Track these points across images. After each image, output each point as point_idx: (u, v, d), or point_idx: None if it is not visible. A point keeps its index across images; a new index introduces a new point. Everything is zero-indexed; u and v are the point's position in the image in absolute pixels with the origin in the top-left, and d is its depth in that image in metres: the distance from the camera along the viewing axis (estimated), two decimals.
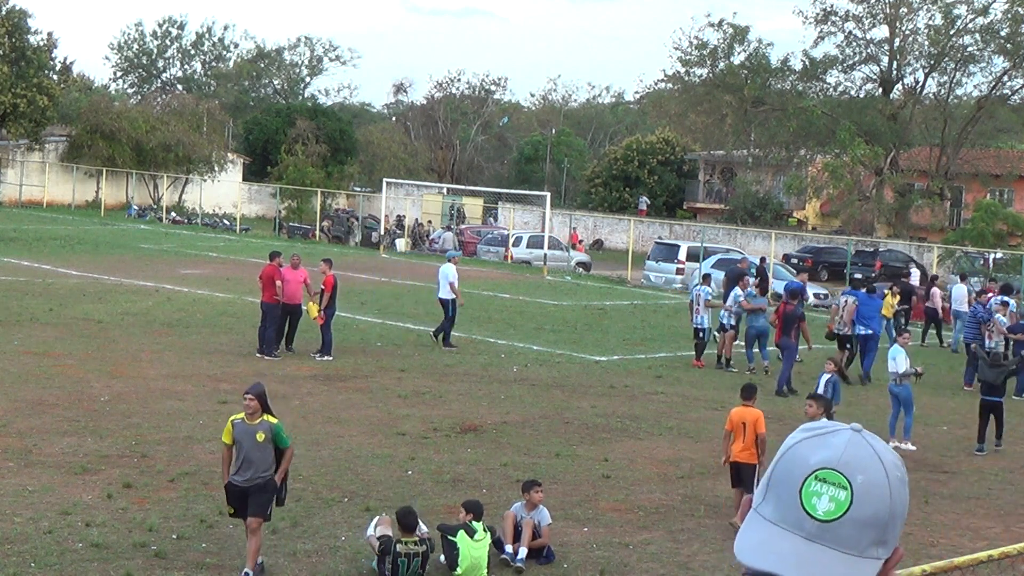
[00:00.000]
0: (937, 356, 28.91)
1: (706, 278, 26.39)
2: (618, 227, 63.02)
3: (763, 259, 39.29)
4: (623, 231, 58.32)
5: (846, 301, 25.16)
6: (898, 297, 29.28)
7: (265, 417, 10.87)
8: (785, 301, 23.57)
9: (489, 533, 11.50)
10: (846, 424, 1.82)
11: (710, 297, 25.43)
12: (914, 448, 17.88)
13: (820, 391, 16.86)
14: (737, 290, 25.32)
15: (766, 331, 24.31)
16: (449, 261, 26.68)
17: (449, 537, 11.25)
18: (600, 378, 22.50)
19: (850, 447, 1.76)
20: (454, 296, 25.23)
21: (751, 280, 26.38)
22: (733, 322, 24.99)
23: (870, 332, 24.55)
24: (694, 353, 25.22)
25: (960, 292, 30.90)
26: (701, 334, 24.94)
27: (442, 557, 11.34)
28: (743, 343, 25.06)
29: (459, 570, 11.13)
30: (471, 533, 11.25)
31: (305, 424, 16.95)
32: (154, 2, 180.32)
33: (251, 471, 10.76)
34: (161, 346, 22.79)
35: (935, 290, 31.71)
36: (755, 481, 12.54)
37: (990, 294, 27.00)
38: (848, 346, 24.77)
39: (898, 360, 18.35)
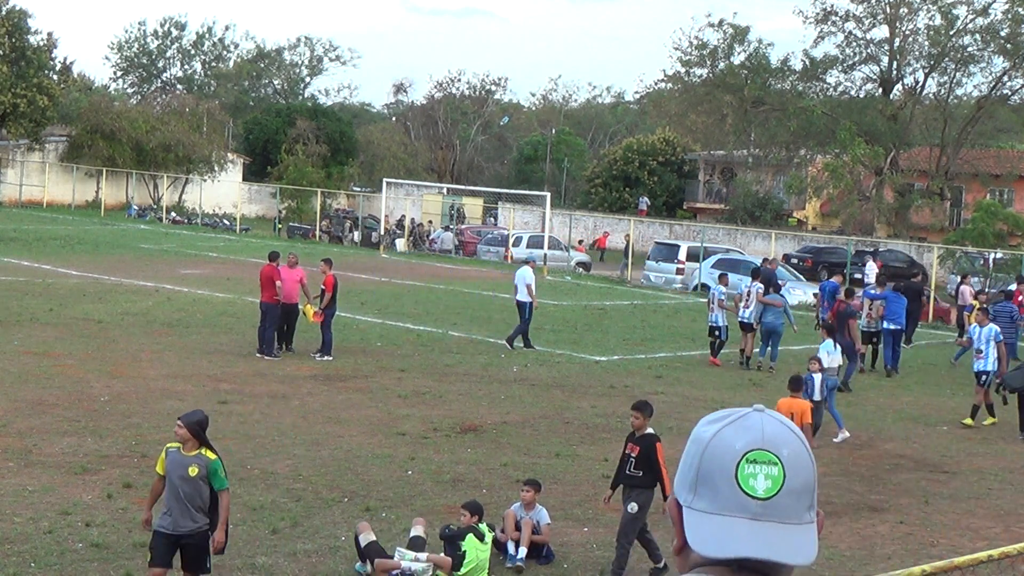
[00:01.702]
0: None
1: (722, 278, 26.88)
2: (618, 227, 62.99)
3: (769, 260, 39.52)
4: (623, 231, 58.30)
5: (871, 301, 26.31)
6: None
7: (203, 451, 9.43)
8: (840, 300, 24.45)
9: (494, 533, 11.51)
10: (746, 407, 1.88)
11: (723, 297, 25.85)
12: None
13: (816, 393, 17.39)
14: (720, 287, 25.98)
15: (775, 329, 24.78)
16: (526, 264, 27.09)
17: (459, 542, 11.19)
18: (600, 378, 22.50)
19: (767, 426, 1.83)
20: (530, 299, 25.64)
21: (756, 282, 26.60)
22: (754, 321, 25.43)
23: (898, 327, 25.84)
24: (706, 352, 25.73)
25: (963, 292, 31.60)
26: (717, 332, 25.33)
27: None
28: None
29: (463, 571, 11.10)
30: (480, 537, 11.21)
31: (305, 424, 16.96)
32: (154, 2, 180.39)
33: (178, 511, 9.27)
34: (161, 346, 22.79)
35: (964, 288, 32.42)
36: None
37: (1021, 297, 28.25)
38: (874, 340, 25.98)
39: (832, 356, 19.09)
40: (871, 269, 39.94)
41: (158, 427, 16.15)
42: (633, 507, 11.24)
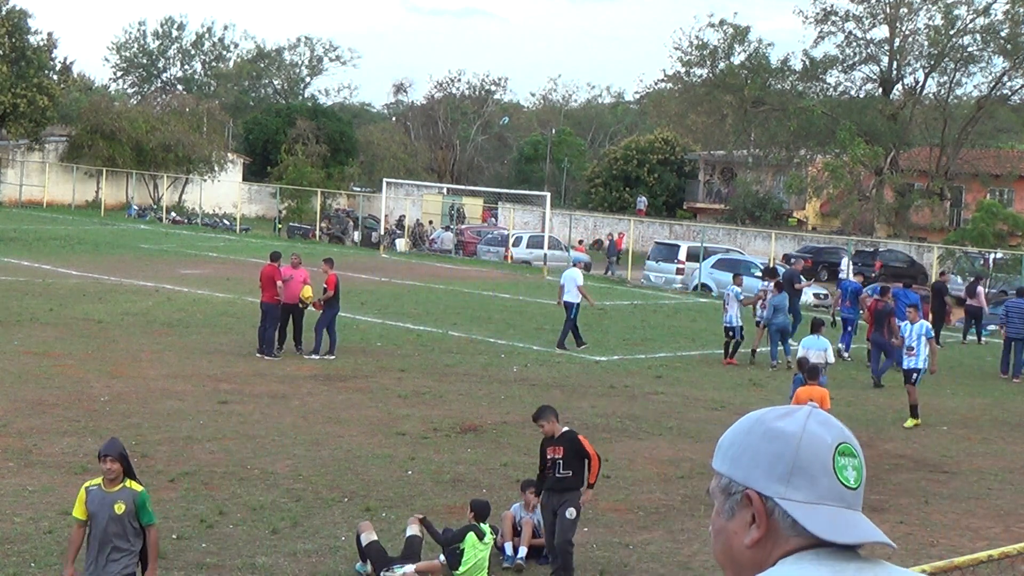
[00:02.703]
0: (977, 351, 30.48)
1: (736, 278, 27.12)
2: (618, 227, 62.99)
3: (792, 260, 39.98)
4: (623, 231, 58.28)
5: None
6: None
7: (128, 483, 8.49)
8: (876, 299, 25.10)
9: (495, 535, 11.50)
10: (795, 406, 1.99)
11: (741, 297, 26.14)
12: None
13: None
14: (735, 288, 25.92)
15: (787, 327, 25.08)
16: (574, 266, 27.72)
17: (456, 542, 11.19)
18: (600, 378, 22.49)
19: (837, 422, 1.97)
20: (577, 300, 25.99)
21: (767, 283, 26.98)
22: (765, 317, 25.85)
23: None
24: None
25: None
26: (732, 333, 25.50)
27: (441, 556, 11.32)
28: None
29: (460, 570, 11.11)
30: (480, 535, 11.21)
31: (305, 424, 16.96)
32: (154, 2, 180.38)
33: (104, 559, 8.41)
34: (161, 346, 22.79)
35: (980, 288, 32.71)
36: None
37: None
38: None
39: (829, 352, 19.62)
40: (846, 264, 40.45)
41: (158, 427, 16.16)
42: (571, 512, 11.07)
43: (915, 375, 20.00)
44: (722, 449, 1.99)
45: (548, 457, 11.37)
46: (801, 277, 30.20)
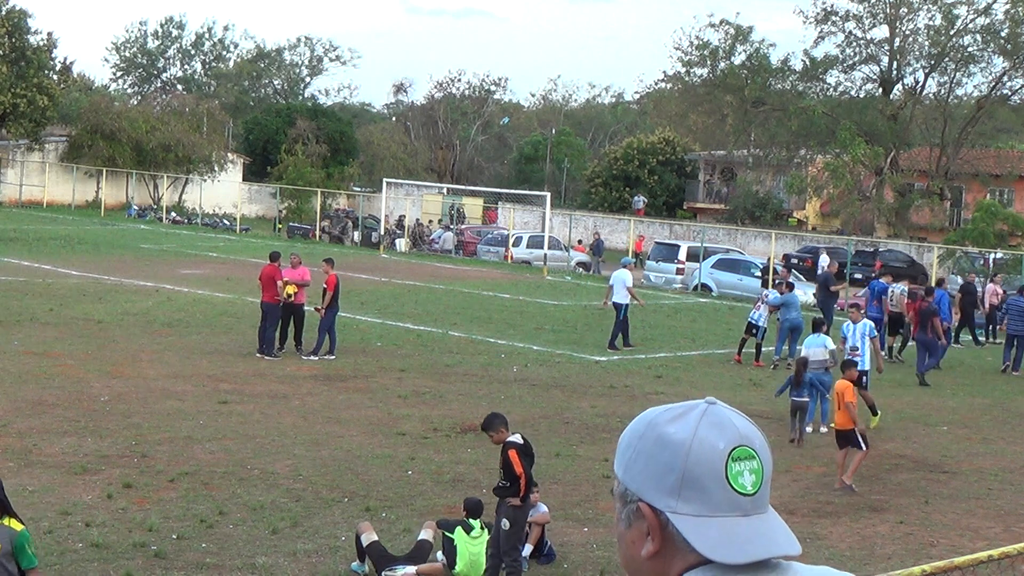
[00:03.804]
0: (978, 351, 30.88)
1: (782, 287, 27.56)
2: (618, 227, 63.00)
3: (829, 263, 40.25)
4: (623, 231, 58.30)
5: (896, 292, 27.88)
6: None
7: (6, 522, 7.29)
8: (921, 298, 25.71)
9: (487, 531, 11.51)
10: (695, 400, 1.86)
11: (774, 300, 26.39)
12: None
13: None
14: (768, 291, 26.53)
15: (799, 324, 25.27)
16: (624, 267, 27.85)
17: (447, 534, 11.28)
18: (600, 378, 22.49)
19: (734, 420, 1.83)
20: (627, 301, 26.30)
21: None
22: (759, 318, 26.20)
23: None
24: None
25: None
26: (755, 332, 25.55)
27: (440, 555, 11.35)
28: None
29: (458, 568, 11.13)
30: (468, 530, 11.28)
31: (305, 424, 16.96)
32: (154, 2, 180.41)
33: None
34: (161, 346, 22.79)
35: (991, 286, 33.34)
36: (859, 441, 15.03)
37: None
38: (900, 330, 27.88)
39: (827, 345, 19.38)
40: (823, 261, 40.56)
41: (158, 427, 16.16)
42: (504, 523, 10.92)
43: (863, 378, 19.30)
44: (619, 452, 1.87)
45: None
46: (835, 279, 30.60)
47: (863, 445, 15.17)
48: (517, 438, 11.29)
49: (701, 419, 1.81)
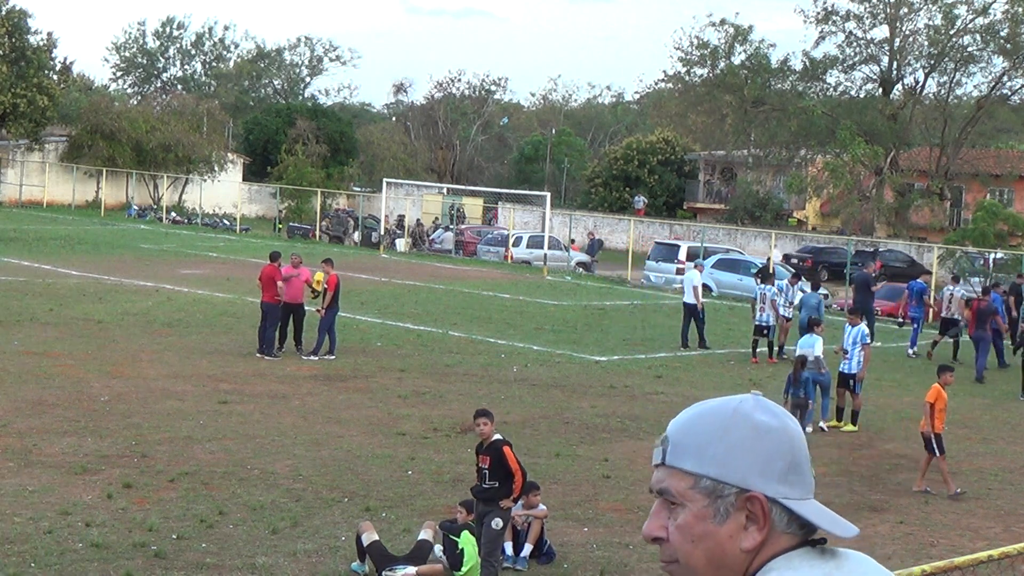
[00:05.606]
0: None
1: (768, 278, 27.43)
2: (618, 227, 62.99)
3: (866, 265, 40.59)
4: (623, 231, 58.29)
5: (951, 294, 28.40)
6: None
7: None
8: (979, 298, 26.33)
9: None
10: (742, 394, 1.90)
11: (776, 298, 26.37)
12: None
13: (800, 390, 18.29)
14: (769, 287, 26.89)
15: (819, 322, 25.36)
16: (695, 268, 28.45)
17: (451, 536, 11.22)
18: (600, 378, 22.49)
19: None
20: (695, 301, 26.69)
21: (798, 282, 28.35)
22: (788, 314, 26.63)
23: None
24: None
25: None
26: (766, 332, 25.90)
27: (439, 551, 11.29)
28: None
29: (463, 570, 11.09)
30: (474, 533, 11.22)
31: (305, 424, 16.96)
32: (154, 2, 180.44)
33: None
34: (161, 346, 22.79)
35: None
36: (934, 446, 15.21)
37: None
38: (953, 333, 28.02)
39: (815, 347, 19.50)
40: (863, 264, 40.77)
41: (158, 427, 16.16)
42: (497, 523, 10.87)
43: (853, 382, 19.31)
44: (693, 448, 1.84)
45: (478, 464, 11.17)
46: (874, 280, 30.92)
47: (933, 449, 15.29)
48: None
49: (778, 408, 1.88)
